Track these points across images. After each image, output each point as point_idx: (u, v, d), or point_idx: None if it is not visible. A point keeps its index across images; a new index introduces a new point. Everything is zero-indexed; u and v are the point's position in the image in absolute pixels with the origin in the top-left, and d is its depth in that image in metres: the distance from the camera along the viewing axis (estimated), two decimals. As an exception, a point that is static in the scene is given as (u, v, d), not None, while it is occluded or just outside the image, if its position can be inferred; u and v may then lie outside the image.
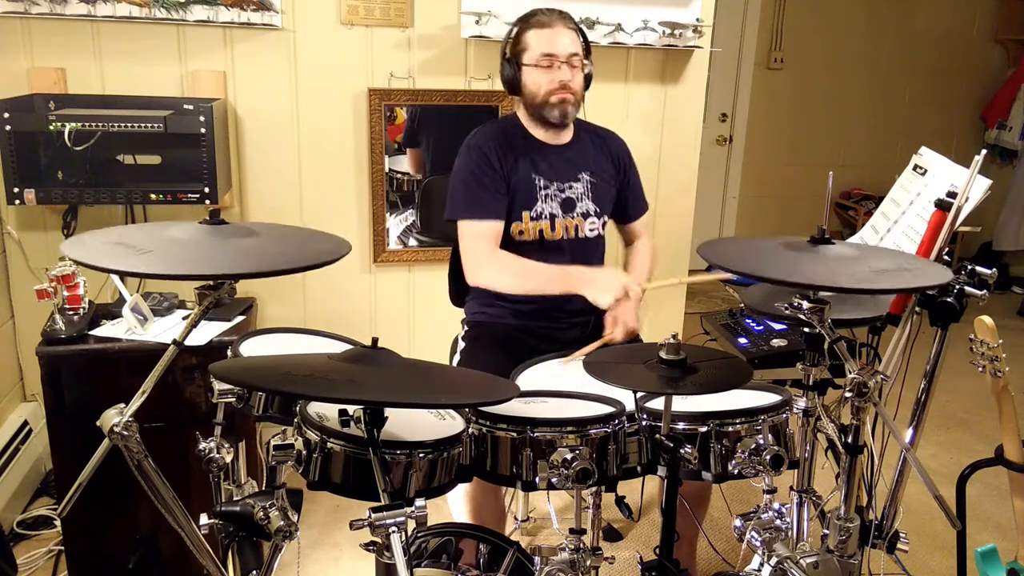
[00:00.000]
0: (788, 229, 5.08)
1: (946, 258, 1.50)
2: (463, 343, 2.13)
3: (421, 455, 1.23)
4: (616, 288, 1.85)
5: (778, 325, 2.10)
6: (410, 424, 1.31)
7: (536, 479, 1.32)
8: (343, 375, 1.15)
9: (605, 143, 2.19)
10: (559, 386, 1.55)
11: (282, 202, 2.72)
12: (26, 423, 2.54)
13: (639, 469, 1.40)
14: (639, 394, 1.43)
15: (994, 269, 1.46)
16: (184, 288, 2.33)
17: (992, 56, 5.49)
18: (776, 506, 1.50)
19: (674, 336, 1.33)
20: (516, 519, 2.50)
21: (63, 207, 2.47)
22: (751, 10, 5.07)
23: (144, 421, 1.19)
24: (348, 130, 2.72)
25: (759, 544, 1.46)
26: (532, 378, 1.66)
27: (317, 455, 1.23)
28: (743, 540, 1.48)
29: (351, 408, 1.22)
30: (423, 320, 2.94)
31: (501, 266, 1.99)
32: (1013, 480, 1.73)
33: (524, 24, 2.03)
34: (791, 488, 1.53)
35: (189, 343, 1.52)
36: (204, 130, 2.21)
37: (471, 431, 1.35)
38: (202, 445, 1.44)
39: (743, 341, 2.06)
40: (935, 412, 3.34)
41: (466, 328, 2.17)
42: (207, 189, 2.26)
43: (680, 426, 1.40)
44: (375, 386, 1.12)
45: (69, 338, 2.01)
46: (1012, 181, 5.11)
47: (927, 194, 1.83)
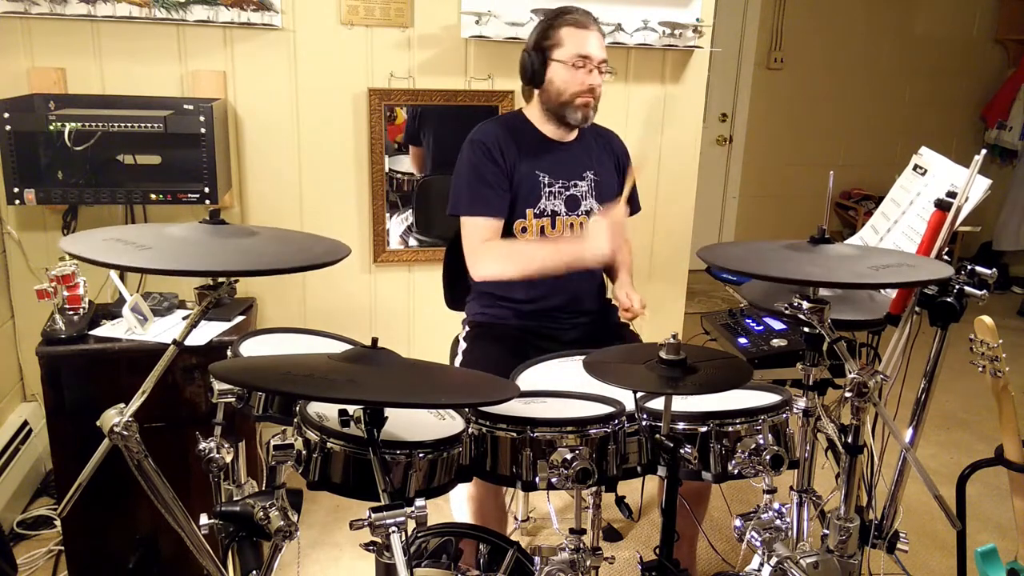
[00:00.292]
0: (788, 229, 5.10)
1: (946, 258, 1.50)
2: (464, 343, 2.13)
3: (421, 455, 1.23)
4: (602, 232, 1.87)
5: (778, 325, 2.09)
6: (410, 424, 1.31)
7: (536, 479, 1.32)
8: (343, 375, 1.15)
9: (608, 143, 2.19)
10: (559, 386, 1.55)
11: (282, 202, 2.72)
12: (26, 423, 2.54)
13: (639, 469, 1.40)
14: (639, 394, 1.43)
15: (994, 269, 1.46)
16: (184, 288, 2.33)
17: (992, 56, 5.49)
18: (776, 506, 1.50)
19: (674, 336, 1.33)
20: (516, 519, 2.50)
21: (63, 207, 2.47)
22: (751, 10, 5.07)
23: (144, 421, 1.19)
24: (348, 130, 2.72)
25: (759, 544, 1.46)
26: (532, 378, 1.66)
27: (317, 455, 1.23)
28: (743, 540, 1.48)
29: (351, 408, 1.22)
30: (423, 320, 2.94)
31: (496, 255, 1.99)
32: (1013, 480, 1.73)
33: (559, 19, 2.00)
34: (791, 488, 1.53)
35: (189, 343, 1.52)
36: (204, 130, 2.21)
37: (471, 431, 1.35)
38: (202, 445, 1.44)
39: (743, 341, 2.06)
40: (935, 412, 3.34)
41: (467, 328, 2.17)
42: (207, 189, 2.26)
43: (680, 426, 1.40)
44: (375, 386, 1.12)
45: (69, 338, 2.01)
46: (1012, 181, 5.11)
47: (927, 194, 1.83)
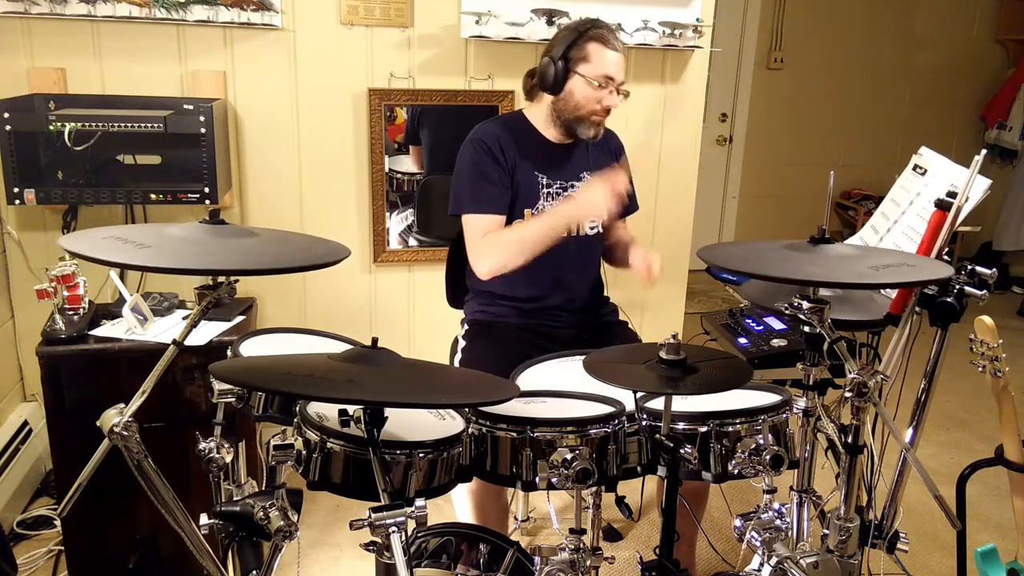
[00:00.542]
0: (788, 229, 5.10)
1: (946, 258, 1.50)
2: (463, 342, 2.13)
3: (421, 455, 1.23)
4: (604, 192, 1.87)
5: (778, 325, 2.09)
6: (410, 424, 1.31)
7: (536, 479, 1.32)
8: (343, 375, 1.15)
9: (606, 142, 2.19)
10: (559, 386, 1.55)
11: (282, 202, 2.72)
12: (26, 423, 2.54)
13: (639, 469, 1.40)
14: (639, 394, 1.43)
15: (994, 269, 1.46)
16: (184, 288, 2.33)
17: (992, 56, 5.49)
18: (776, 506, 1.50)
19: (674, 336, 1.33)
20: (516, 519, 2.50)
21: (63, 207, 2.47)
22: (751, 10, 5.07)
23: (144, 421, 1.19)
24: (348, 130, 2.72)
25: (759, 544, 1.46)
26: (532, 378, 1.66)
27: (317, 455, 1.23)
28: (743, 540, 1.48)
29: (351, 408, 1.22)
30: (423, 320, 2.94)
31: (494, 246, 1.97)
32: (1013, 480, 1.73)
33: (589, 33, 1.98)
34: (791, 488, 1.53)
35: (189, 343, 1.52)
36: (204, 130, 2.21)
37: (471, 431, 1.35)
38: (202, 445, 1.44)
39: (743, 341, 2.06)
40: (935, 412, 3.34)
41: (466, 327, 2.17)
42: (207, 189, 2.26)
43: (680, 426, 1.40)
44: (375, 386, 1.12)
45: (69, 338, 2.01)
46: (1012, 181, 5.11)
47: (927, 194, 1.83)
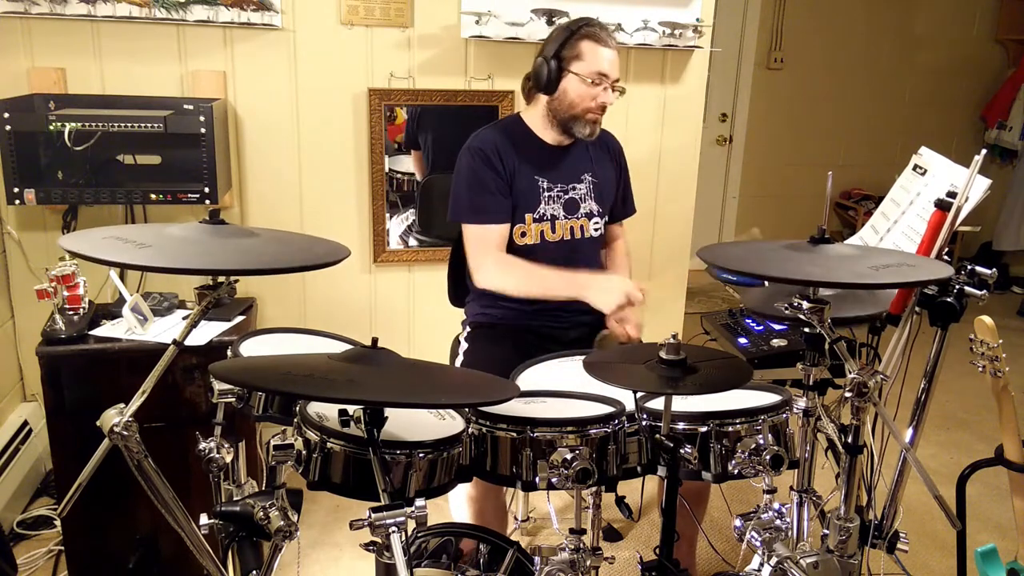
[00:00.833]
0: (788, 229, 5.10)
1: (946, 258, 1.50)
2: (465, 343, 2.13)
3: (421, 455, 1.23)
4: (619, 293, 1.87)
5: (778, 325, 2.09)
6: (410, 424, 1.31)
7: (536, 479, 1.32)
8: (343, 375, 1.15)
9: (605, 143, 2.19)
10: (559, 386, 1.55)
11: (282, 202, 2.72)
12: (26, 423, 2.54)
13: (639, 469, 1.40)
14: (639, 394, 1.43)
15: (994, 269, 1.46)
16: (184, 288, 2.33)
17: (992, 56, 5.49)
18: (776, 506, 1.50)
19: (674, 336, 1.33)
20: (516, 519, 2.50)
21: (63, 207, 2.47)
22: (751, 10, 5.07)
23: (144, 421, 1.19)
24: (348, 130, 2.72)
25: (759, 544, 1.46)
26: (532, 378, 1.66)
27: (317, 455, 1.23)
28: (743, 540, 1.48)
29: (351, 408, 1.22)
30: (423, 320, 2.94)
31: (507, 271, 2.00)
32: (1013, 480, 1.73)
33: (581, 32, 1.98)
34: (791, 488, 1.53)
35: (189, 343, 1.52)
36: (204, 130, 2.21)
37: (471, 431, 1.35)
38: (202, 445, 1.44)
39: (743, 341, 2.06)
40: (935, 412, 3.34)
41: (468, 329, 2.17)
42: (207, 189, 2.26)
43: (680, 426, 1.40)
44: (375, 386, 1.12)
45: (69, 338, 2.01)
46: (1012, 181, 5.11)
47: (927, 194, 1.83)
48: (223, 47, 2.55)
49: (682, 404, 1.44)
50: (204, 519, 1.31)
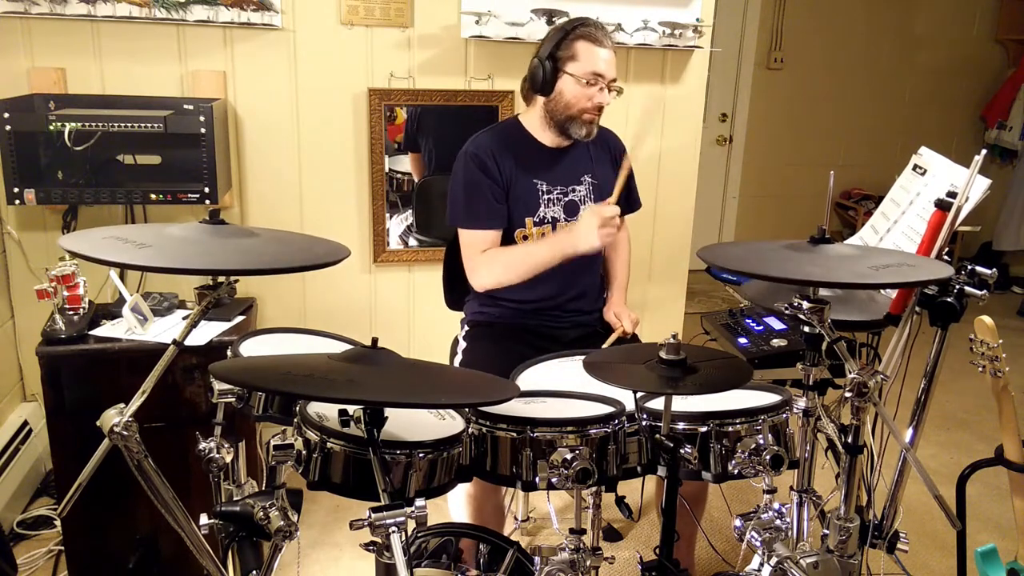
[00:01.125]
0: (788, 229, 5.10)
1: (946, 258, 1.50)
2: (464, 343, 2.13)
3: (421, 455, 1.23)
4: (594, 224, 1.89)
5: (778, 325, 2.09)
6: (410, 424, 1.31)
7: (536, 479, 1.32)
8: (343, 375, 1.15)
9: (606, 143, 2.19)
10: (559, 386, 1.55)
11: (282, 202, 2.72)
12: (26, 423, 2.54)
13: (639, 469, 1.40)
14: (639, 394, 1.43)
15: (994, 269, 1.46)
16: (184, 288, 2.33)
17: (992, 56, 5.49)
18: (776, 506, 1.50)
19: (674, 336, 1.33)
20: (516, 519, 2.50)
21: (63, 207, 2.47)
22: (751, 10, 5.07)
23: (144, 421, 1.19)
24: (348, 130, 2.72)
25: (759, 544, 1.46)
26: (532, 378, 1.66)
27: (317, 455, 1.23)
28: (743, 540, 1.48)
29: (351, 408, 1.22)
30: (423, 320, 2.94)
31: (491, 263, 2.01)
32: (1013, 480, 1.73)
33: (576, 32, 1.97)
34: (791, 488, 1.53)
35: (189, 343, 1.52)
36: (204, 130, 2.21)
37: (471, 431, 1.35)
38: (202, 445, 1.44)
39: (743, 341, 2.06)
40: (935, 412, 3.34)
41: (467, 328, 2.17)
42: (207, 189, 2.26)
43: (680, 426, 1.40)
44: (375, 386, 1.12)
45: (69, 338, 2.01)
46: (1012, 181, 5.11)
47: (927, 194, 1.83)
48: (223, 47, 2.55)
49: (682, 404, 1.44)
50: (204, 519, 1.31)
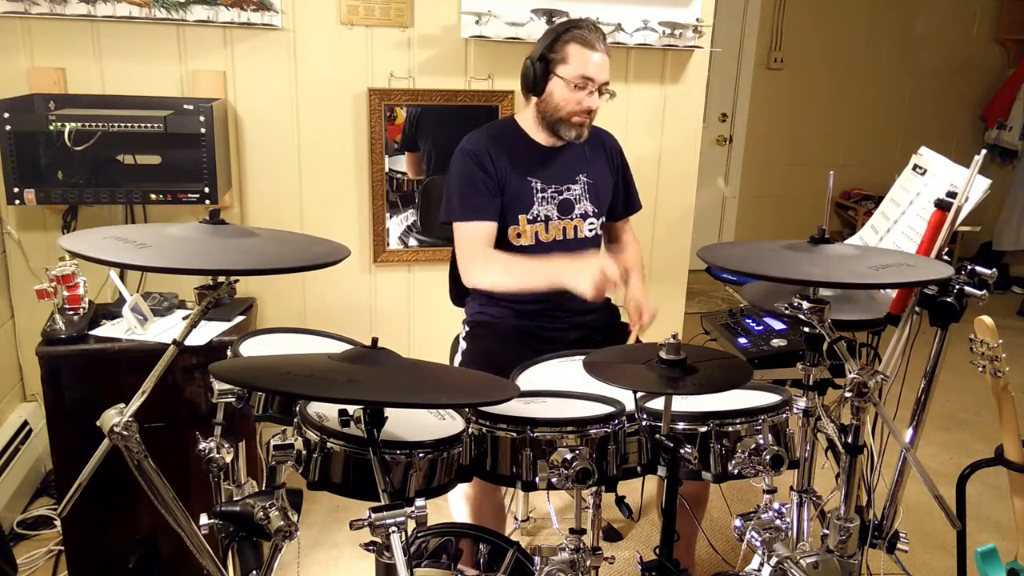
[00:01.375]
0: (788, 229, 5.10)
1: (946, 258, 1.50)
2: (464, 343, 2.13)
3: (421, 455, 1.23)
4: (594, 274, 1.78)
5: (778, 325, 2.09)
6: (410, 424, 1.31)
7: (536, 479, 1.32)
8: (343, 375, 1.15)
9: (600, 142, 2.19)
10: (559, 386, 1.55)
11: (282, 202, 2.72)
12: (26, 423, 2.54)
13: (639, 469, 1.40)
14: (639, 394, 1.43)
15: (994, 269, 1.46)
16: (184, 288, 2.33)
17: (992, 56, 5.49)
18: (776, 506, 1.50)
19: (674, 336, 1.33)
20: (516, 519, 2.50)
21: (63, 207, 2.47)
22: (751, 10, 5.07)
23: (144, 421, 1.19)
24: (348, 130, 2.72)
25: (759, 544, 1.46)
26: (532, 378, 1.66)
27: (317, 455, 1.23)
28: (743, 540, 1.48)
29: (351, 408, 1.22)
30: (423, 320, 2.94)
31: (489, 265, 1.99)
32: (1013, 480, 1.73)
33: (568, 34, 1.96)
34: (791, 488, 1.53)
35: (189, 343, 1.52)
36: (204, 130, 2.21)
37: (471, 431, 1.35)
38: (202, 445, 1.44)
39: (743, 341, 2.06)
40: (935, 412, 3.34)
41: (467, 328, 2.17)
42: (207, 189, 2.26)
43: (680, 426, 1.40)
44: (375, 386, 1.12)
45: (69, 338, 2.01)
46: (1012, 181, 5.12)
47: (927, 194, 1.83)
48: (223, 47, 2.55)
49: (682, 404, 1.44)
50: (204, 519, 1.31)
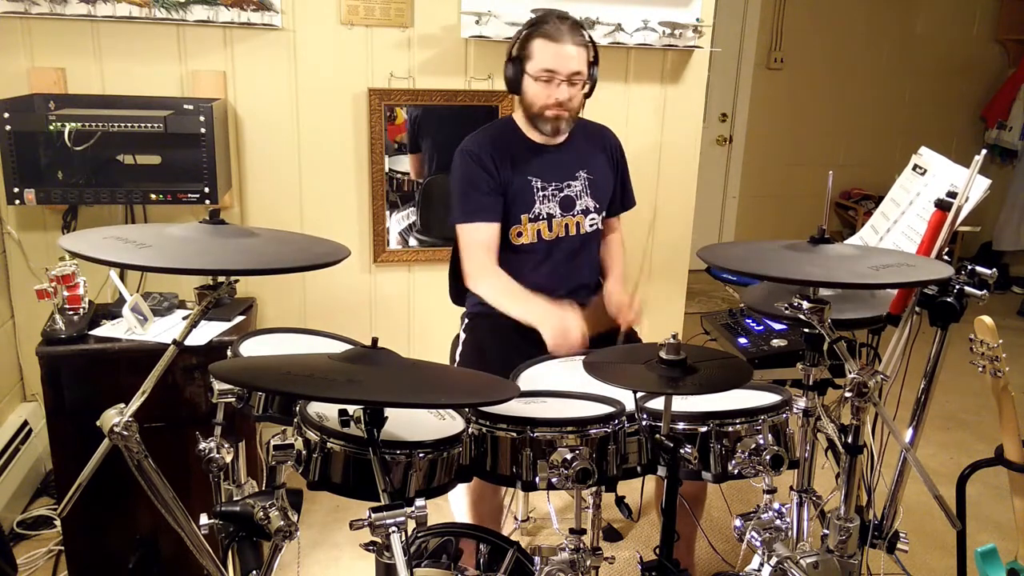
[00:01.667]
0: (788, 229, 5.10)
1: (946, 258, 1.50)
2: (464, 335, 2.14)
3: (421, 455, 1.23)
4: (558, 329, 1.81)
5: (778, 325, 2.09)
6: (410, 424, 1.31)
7: (536, 479, 1.32)
8: (343, 375, 1.15)
9: (600, 138, 2.19)
10: (559, 386, 1.55)
11: (282, 202, 2.71)
12: (26, 423, 2.54)
13: (639, 469, 1.40)
14: (639, 394, 1.43)
15: (994, 269, 1.46)
16: (184, 288, 2.33)
17: (992, 56, 5.49)
18: (776, 506, 1.50)
19: (674, 336, 1.33)
20: (516, 519, 2.50)
21: (63, 207, 2.47)
22: (751, 10, 5.07)
23: (144, 421, 1.19)
24: (348, 130, 2.72)
25: (759, 544, 1.46)
26: (532, 378, 1.66)
27: (317, 455, 1.23)
28: (743, 540, 1.48)
29: (351, 408, 1.22)
30: (423, 320, 2.94)
31: (482, 280, 2.03)
32: (1013, 480, 1.73)
33: (533, 30, 1.97)
34: (791, 488, 1.53)
35: (189, 343, 1.52)
36: (204, 130, 2.21)
37: (471, 431, 1.35)
38: (202, 445, 1.44)
39: (743, 341, 2.06)
40: (935, 412, 3.34)
41: (466, 320, 2.18)
42: (207, 189, 2.26)
43: (680, 426, 1.40)
44: (375, 386, 1.12)
45: (69, 338, 2.01)
46: (1012, 181, 5.11)
47: (927, 194, 1.83)
48: (223, 47, 2.55)
49: (682, 404, 1.44)
50: (204, 519, 1.31)
